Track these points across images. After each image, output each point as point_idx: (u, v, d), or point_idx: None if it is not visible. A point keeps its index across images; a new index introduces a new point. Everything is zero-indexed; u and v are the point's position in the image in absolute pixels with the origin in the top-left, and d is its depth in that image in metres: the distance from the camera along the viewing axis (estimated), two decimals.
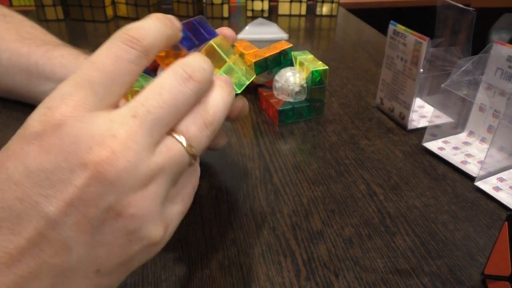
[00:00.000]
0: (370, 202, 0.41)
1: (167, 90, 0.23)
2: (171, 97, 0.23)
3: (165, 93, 0.23)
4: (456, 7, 0.53)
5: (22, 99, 0.54)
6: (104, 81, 0.22)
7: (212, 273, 0.33)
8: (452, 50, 0.55)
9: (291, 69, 0.55)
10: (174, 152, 0.23)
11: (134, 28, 0.24)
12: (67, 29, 0.93)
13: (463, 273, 0.34)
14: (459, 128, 0.52)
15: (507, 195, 0.42)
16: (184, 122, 0.24)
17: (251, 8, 1.02)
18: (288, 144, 0.51)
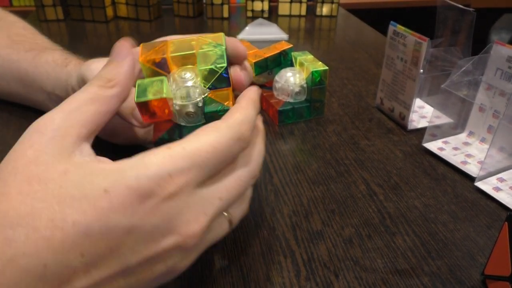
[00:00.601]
0: (370, 202, 0.41)
1: (243, 183, 0.28)
2: (243, 189, 0.28)
3: (242, 186, 0.28)
4: (456, 7, 0.54)
5: (23, 104, 0.54)
6: (214, 168, 0.25)
7: (212, 273, 0.33)
8: (452, 51, 0.55)
9: (291, 70, 0.55)
10: (223, 230, 0.28)
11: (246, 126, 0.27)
12: (67, 29, 0.93)
13: (463, 273, 0.34)
14: (459, 129, 0.52)
15: (507, 195, 0.42)
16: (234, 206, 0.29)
17: (251, 8, 1.02)
18: (288, 144, 0.51)
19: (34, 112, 0.53)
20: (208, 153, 0.25)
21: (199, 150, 0.24)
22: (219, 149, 0.25)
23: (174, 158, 0.24)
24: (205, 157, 0.24)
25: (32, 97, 0.52)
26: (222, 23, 0.99)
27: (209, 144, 0.25)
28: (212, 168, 0.25)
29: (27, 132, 0.25)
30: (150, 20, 0.97)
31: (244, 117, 0.27)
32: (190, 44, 0.30)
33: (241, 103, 0.28)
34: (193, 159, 0.24)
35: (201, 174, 0.25)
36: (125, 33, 0.91)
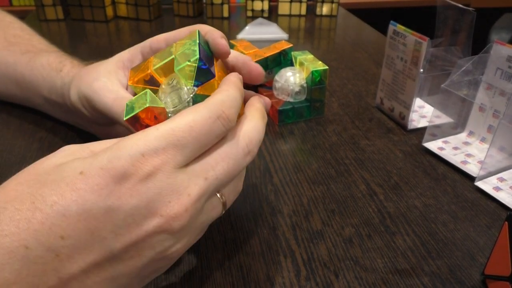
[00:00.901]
0: (370, 202, 0.41)
1: (232, 160, 0.27)
2: (234, 168, 0.27)
3: (231, 163, 0.27)
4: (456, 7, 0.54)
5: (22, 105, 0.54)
6: (194, 148, 0.25)
7: (212, 273, 0.33)
8: (452, 50, 0.55)
9: (291, 69, 0.55)
10: (216, 211, 0.27)
11: (229, 106, 0.26)
12: (67, 29, 0.93)
13: (463, 273, 0.34)
14: (459, 128, 0.52)
15: (507, 195, 0.42)
16: (228, 187, 0.28)
17: (251, 8, 1.02)
18: (288, 144, 0.51)
19: (34, 113, 0.53)
20: (184, 132, 0.24)
21: (173, 130, 0.24)
22: (196, 128, 0.24)
23: (147, 138, 0.24)
24: (181, 136, 0.24)
25: (30, 100, 0.52)
26: (222, 23, 0.99)
27: (185, 123, 0.24)
28: (192, 148, 0.25)
29: None
30: (150, 19, 0.97)
31: (224, 97, 0.26)
32: (169, 52, 0.30)
33: (221, 86, 0.28)
34: (168, 138, 0.24)
35: (179, 153, 0.24)
36: (125, 33, 0.91)
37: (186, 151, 0.24)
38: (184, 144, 0.24)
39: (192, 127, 0.24)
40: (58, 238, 0.21)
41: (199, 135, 0.25)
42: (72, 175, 0.22)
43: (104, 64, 0.40)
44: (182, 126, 0.24)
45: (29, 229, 0.21)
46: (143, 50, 0.38)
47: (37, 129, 0.51)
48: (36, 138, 0.50)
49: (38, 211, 0.21)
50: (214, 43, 0.31)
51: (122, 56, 0.39)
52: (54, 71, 0.45)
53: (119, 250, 0.23)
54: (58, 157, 0.25)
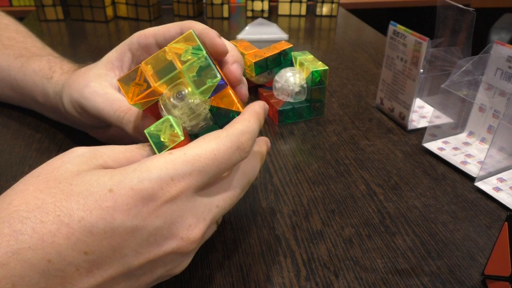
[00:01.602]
0: (370, 202, 0.41)
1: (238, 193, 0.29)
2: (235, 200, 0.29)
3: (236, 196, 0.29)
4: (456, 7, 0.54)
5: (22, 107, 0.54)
6: (214, 175, 0.26)
7: (212, 273, 0.33)
8: (452, 50, 0.55)
9: (291, 70, 0.55)
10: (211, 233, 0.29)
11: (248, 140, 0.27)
12: (67, 29, 0.93)
13: (463, 273, 0.34)
14: (459, 129, 0.52)
15: (507, 196, 0.42)
16: None
17: (251, 8, 1.02)
18: (288, 144, 0.51)
19: (33, 113, 0.53)
20: (208, 159, 0.25)
21: (200, 156, 0.25)
22: (218, 156, 0.26)
23: (175, 162, 0.24)
24: (205, 163, 0.25)
25: (26, 104, 0.52)
26: (222, 23, 0.99)
27: (210, 150, 0.25)
28: (212, 175, 0.26)
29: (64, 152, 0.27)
30: (150, 20, 0.97)
31: (244, 128, 0.27)
32: (167, 60, 0.29)
33: (244, 115, 0.29)
34: (194, 164, 0.25)
35: (200, 179, 0.25)
36: (125, 33, 0.91)
37: (207, 177, 0.26)
38: (207, 171, 0.25)
39: (216, 155, 0.26)
40: (81, 253, 0.21)
41: (221, 164, 0.26)
42: (101, 192, 0.22)
43: (94, 68, 0.40)
44: (208, 154, 0.25)
45: (53, 243, 0.21)
46: (131, 47, 0.38)
47: (36, 129, 0.51)
48: (35, 138, 0.50)
49: (64, 226, 0.21)
50: (212, 44, 0.31)
51: (110, 57, 0.39)
52: (45, 78, 0.45)
53: (136, 267, 0.24)
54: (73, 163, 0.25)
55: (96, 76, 0.39)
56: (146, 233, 0.23)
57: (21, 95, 0.50)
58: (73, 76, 0.41)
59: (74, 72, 0.43)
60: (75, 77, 0.41)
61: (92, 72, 0.39)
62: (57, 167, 0.24)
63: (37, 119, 0.52)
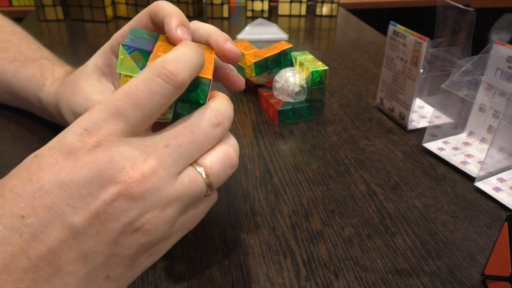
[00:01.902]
0: (370, 202, 0.41)
1: (198, 130, 0.26)
2: (201, 137, 0.26)
3: (197, 133, 0.26)
4: (456, 7, 0.54)
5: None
6: (136, 115, 0.24)
7: (212, 273, 0.33)
8: (452, 50, 0.55)
9: (291, 70, 0.55)
10: (195, 184, 0.26)
11: (171, 62, 0.25)
12: (67, 29, 0.93)
13: (463, 273, 0.34)
14: (459, 129, 0.52)
15: (507, 196, 0.42)
16: (210, 158, 0.27)
17: (251, 8, 1.02)
18: (288, 144, 0.51)
19: (33, 113, 0.53)
20: (119, 100, 0.24)
21: (110, 99, 0.24)
22: (131, 93, 0.24)
23: (89, 114, 0.24)
24: (117, 104, 0.24)
25: (23, 107, 0.52)
26: (222, 23, 0.99)
27: (121, 91, 0.24)
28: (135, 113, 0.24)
29: None
30: None
31: (167, 55, 0.25)
32: None
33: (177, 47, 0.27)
34: (106, 109, 0.24)
35: (121, 121, 0.24)
36: None
37: (128, 118, 0.24)
38: (122, 111, 0.24)
39: (127, 92, 0.24)
40: (18, 217, 0.22)
41: (138, 99, 0.24)
42: (29, 160, 0.24)
43: (84, 77, 0.39)
44: (118, 93, 0.24)
45: None
46: (113, 51, 0.38)
47: (36, 130, 0.51)
48: (35, 139, 0.50)
49: (1, 198, 0.22)
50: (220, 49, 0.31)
51: (97, 64, 0.39)
52: (38, 85, 0.45)
53: (81, 223, 0.23)
54: None
55: (92, 87, 0.38)
56: (76, 186, 0.23)
57: (18, 99, 0.50)
58: (66, 89, 0.41)
59: (64, 82, 0.42)
60: (69, 89, 0.40)
61: (86, 83, 0.39)
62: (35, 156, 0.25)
63: (36, 120, 0.52)
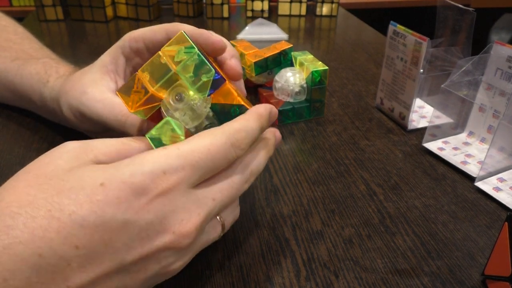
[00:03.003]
0: (370, 202, 0.41)
1: (236, 186, 0.28)
2: (236, 193, 0.28)
3: (234, 188, 0.28)
4: (456, 7, 0.54)
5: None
6: (208, 170, 0.26)
7: (212, 273, 0.33)
8: (452, 50, 0.55)
9: (291, 70, 0.55)
10: (216, 233, 0.29)
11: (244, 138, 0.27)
12: (67, 29, 0.93)
13: (463, 273, 0.34)
14: (459, 129, 0.52)
15: (507, 196, 0.42)
16: (227, 210, 0.29)
17: (251, 8, 1.02)
18: (288, 144, 0.51)
19: (33, 113, 0.53)
20: (201, 153, 0.25)
21: (193, 150, 0.25)
22: (212, 152, 0.26)
23: (168, 156, 0.24)
24: (199, 157, 0.25)
25: (25, 106, 0.52)
26: (222, 23, 0.99)
27: (203, 146, 0.25)
28: (206, 170, 0.26)
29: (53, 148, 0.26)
30: (150, 20, 0.97)
31: (241, 126, 0.27)
32: (161, 64, 0.29)
33: (245, 115, 0.29)
34: (187, 158, 0.25)
35: (194, 174, 0.25)
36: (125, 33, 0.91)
37: (201, 172, 0.26)
38: (201, 165, 0.25)
39: (210, 150, 0.26)
40: (73, 247, 0.21)
41: (215, 159, 0.26)
42: (92, 186, 0.22)
43: (88, 73, 0.40)
44: (201, 148, 0.25)
45: (44, 237, 0.21)
46: (124, 51, 0.38)
47: (36, 129, 0.51)
48: (35, 138, 0.50)
49: (55, 220, 0.21)
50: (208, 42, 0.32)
51: (104, 61, 0.39)
52: (41, 82, 0.45)
53: (129, 263, 0.23)
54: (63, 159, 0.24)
55: (92, 82, 0.39)
56: (138, 228, 0.23)
57: (19, 97, 0.50)
58: (69, 83, 0.41)
59: (69, 78, 0.42)
60: (70, 83, 0.41)
61: (87, 78, 0.39)
62: (47, 163, 0.24)
63: (37, 119, 0.52)
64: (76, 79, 0.40)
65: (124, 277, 0.24)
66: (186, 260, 0.27)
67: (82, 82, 0.39)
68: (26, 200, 0.22)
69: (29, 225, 0.21)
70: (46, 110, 0.47)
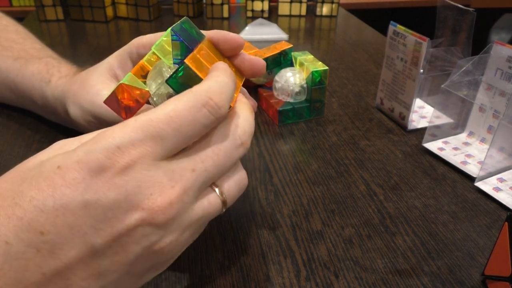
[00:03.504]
0: (370, 202, 0.41)
1: (223, 152, 0.25)
2: (225, 159, 0.26)
3: (221, 155, 0.25)
4: (456, 7, 0.54)
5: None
6: (175, 139, 0.23)
7: (212, 273, 0.33)
8: (452, 50, 0.55)
9: (291, 70, 0.55)
10: (213, 207, 0.26)
11: (217, 93, 0.24)
12: (67, 29, 0.93)
13: (463, 273, 0.34)
14: (459, 129, 0.52)
15: (507, 196, 0.42)
16: (228, 181, 0.27)
17: (251, 8, 1.02)
18: (288, 144, 0.51)
19: (33, 113, 0.53)
20: (162, 122, 0.23)
21: (152, 120, 0.23)
22: (176, 119, 0.23)
23: (124, 130, 0.23)
24: (159, 127, 0.23)
25: (26, 106, 0.52)
26: (222, 23, 0.99)
27: (164, 113, 0.23)
28: (174, 140, 0.23)
29: None
30: (150, 20, 0.97)
31: (211, 83, 0.25)
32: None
33: (210, 72, 0.26)
34: (146, 130, 0.23)
35: (159, 145, 0.23)
36: (125, 33, 0.91)
37: (166, 143, 0.23)
38: (163, 135, 0.23)
39: (172, 117, 0.23)
40: (37, 233, 0.21)
41: (181, 126, 0.23)
42: (50, 170, 0.22)
43: (96, 74, 0.39)
44: (162, 117, 0.23)
45: (9, 224, 0.21)
46: (131, 56, 0.38)
47: (36, 129, 0.51)
48: (35, 138, 0.50)
49: (17, 207, 0.21)
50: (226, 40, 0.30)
51: (111, 64, 0.39)
52: (43, 81, 0.45)
53: (101, 245, 0.22)
54: (47, 153, 0.24)
55: (103, 84, 0.38)
56: (101, 208, 0.22)
57: (20, 97, 0.50)
58: (76, 83, 0.41)
59: (74, 78, 0.42)
60: (78, 84, 0.40)
61: (97, 79, 0.39)
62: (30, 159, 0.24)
63: (37, 119, 0.52)
64: (84, 79, 0.40)
65: (103, 261, 0.23)
66: (177, 237, 0.24)
67: (91, 83, 0.39)
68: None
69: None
70: (47, 109, 0.47)
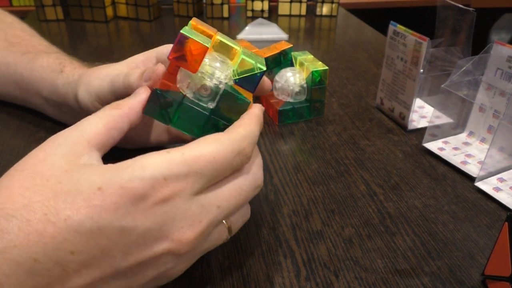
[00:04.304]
0: (370, 202, 0.41)
1: (245, 193, 0.28)
2: (245, 199, 0.28)
3: (243, 195, 0.28)
4: (456, 7, 0.53)
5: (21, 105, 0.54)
6: (212, 178, 0.25)
7: (212, 273, 0.33)
8: (452, 50, 0.55)
9: (291, 70, 0.55)
10: (221, 239, 0.28)
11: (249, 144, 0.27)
12: (67, 29, 0.93)
13: (463, 273, 0.34)
14: (459, 129, 0.52)
15: (507, 196, 0.42)
16: (235, 215, 0.29)
17: (251, 8, 1.02)
18: (288, 144, 0.51)
19: (33, 113, 0.53)
20: (206, 162, 0.25)
21: (198, 158, 0.24)
22: (218, 160, 0.25)
23: (171, 162, 0.24)
24: (204, 165, 0.24)
25: (30, 101, 0.51)
26: (222, 23, 0.99)
27: (209, 153, 0.25)
28: (210, 178, 0.25)
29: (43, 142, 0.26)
30: (150, 20, 0.97)
31: (246, 133, 0.27)
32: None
33: (244, 119, 0.29)
34: (191, 166, 0.24)
35: (198, 182, 0.24)
36: (125, 33, 0.91)
37: (204, 180, 0.25)
38: (205, 173, 0.25)
39: (215, 158, 0.25)
40: (68, 253, 0.21)
41: (220, 168, 0.25)
42: (90, 190, 0.22)
43: (115, 65, 0.39)
44: (207, 156, 0.25)
45: (39, 242, 0.21)
46: (159, 57, 0.38)
47: (36, 129, 0.51)
48: (35, 138, 0.50)
49: (50, 225, 0.21)
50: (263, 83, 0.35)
51: (135, 59, 0.39)
52: (55, 72, 0.45)
53: (125, 268, 0.23)
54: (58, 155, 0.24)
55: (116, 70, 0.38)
56: (135, 234, 0.22)
57: (25, 91, 0.50)
58: (91, 70, 0.41)
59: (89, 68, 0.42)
60: (93, 71, 0.40)
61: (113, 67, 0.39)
62: (42, 160, 0.23)
63: (37, 118, 0.52)
64: (100, 68, 0.40)
65: (121, 281, 0.24)
66: (185, 265, 0.27)
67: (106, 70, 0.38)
68: (21, 202, 0.21)
69: (24, 229, 0.21)
70: (53, 100, 0.46)
